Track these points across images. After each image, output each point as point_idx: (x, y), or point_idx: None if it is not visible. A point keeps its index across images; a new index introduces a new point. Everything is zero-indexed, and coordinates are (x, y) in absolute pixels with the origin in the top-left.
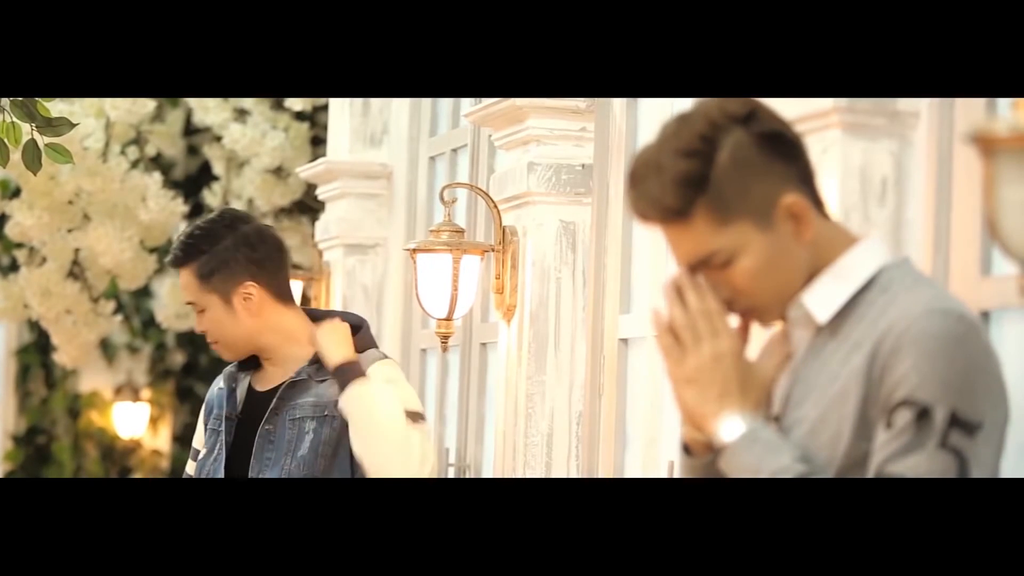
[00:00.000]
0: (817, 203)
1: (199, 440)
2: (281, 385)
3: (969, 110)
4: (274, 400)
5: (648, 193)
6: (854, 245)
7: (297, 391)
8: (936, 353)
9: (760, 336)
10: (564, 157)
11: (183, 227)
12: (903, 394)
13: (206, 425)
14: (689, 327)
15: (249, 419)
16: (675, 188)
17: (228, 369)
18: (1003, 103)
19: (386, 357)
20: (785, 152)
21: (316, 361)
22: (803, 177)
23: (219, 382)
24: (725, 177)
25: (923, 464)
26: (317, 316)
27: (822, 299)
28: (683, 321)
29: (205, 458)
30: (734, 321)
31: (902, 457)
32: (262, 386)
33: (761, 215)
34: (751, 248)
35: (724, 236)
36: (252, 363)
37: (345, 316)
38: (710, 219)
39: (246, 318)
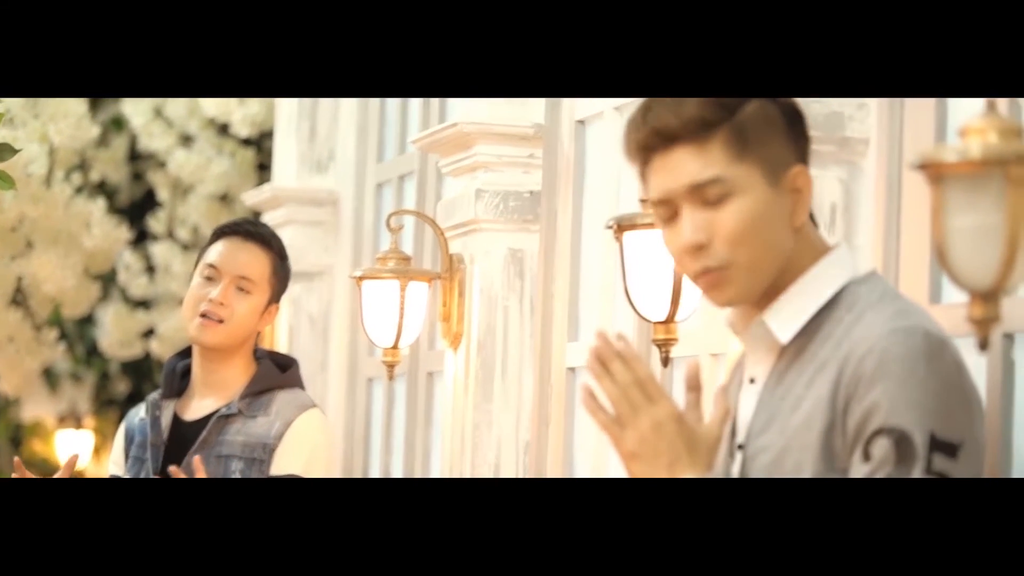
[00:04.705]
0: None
1: (119, 466)
2: (211, 417)
3: (918, 137)
4: (204, 432)
5: (676, 105)
6: (820, 259)
7: (227, 426)
8: (905, 376)
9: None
10: (511, 184)
11: (127, 254)
12: (878, 423)
13: (127, 453)
14: (623, 399)
15: (174, 448)
16: (709, 104)
17: (151, 397)
18: (951, 131)
19: (313, 406)
20: (802, 135)
21: (248, 395)
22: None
23: (140, 411)
24: (752, 120)
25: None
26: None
27: (784, 317)
28: (615, 394)
29: None
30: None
31: None
32: (189, 415)
33: (772, 170)
34: (752, 193)
35: (735, 168)
36: (174, 391)
37: (273, 355)
38: (730, 145)
39: (257, 326)
